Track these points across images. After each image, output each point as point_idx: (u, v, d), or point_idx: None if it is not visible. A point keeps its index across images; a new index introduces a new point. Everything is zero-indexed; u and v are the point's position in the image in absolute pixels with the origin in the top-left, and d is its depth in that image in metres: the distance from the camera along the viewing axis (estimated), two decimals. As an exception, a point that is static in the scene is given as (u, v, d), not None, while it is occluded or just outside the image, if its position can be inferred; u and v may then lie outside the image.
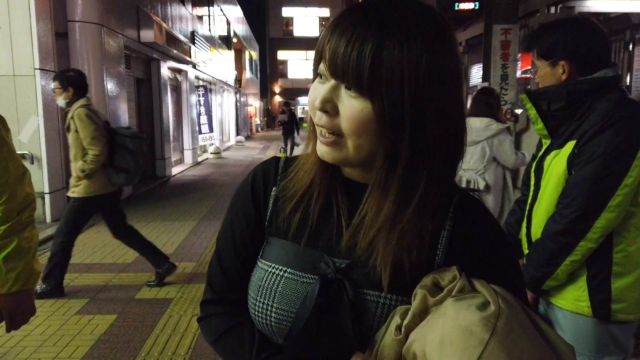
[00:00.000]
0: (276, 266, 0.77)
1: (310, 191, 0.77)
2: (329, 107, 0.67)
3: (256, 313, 0.77)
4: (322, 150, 0.71)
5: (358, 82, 0.64)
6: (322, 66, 0.69)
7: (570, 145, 1.50)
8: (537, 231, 1.60)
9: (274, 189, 0.81)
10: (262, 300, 0.76)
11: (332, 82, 0.67)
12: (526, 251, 1.70)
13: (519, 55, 5.99)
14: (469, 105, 8.98)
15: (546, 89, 1.58)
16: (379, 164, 0.68)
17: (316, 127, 0.71)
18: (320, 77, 0.70)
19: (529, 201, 1.70)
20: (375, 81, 0.63)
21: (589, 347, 1.52)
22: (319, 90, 0.69)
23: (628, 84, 5.16)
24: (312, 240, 0.76)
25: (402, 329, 0.64)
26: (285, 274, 0.75)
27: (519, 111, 6.39)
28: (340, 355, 0.71)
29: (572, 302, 1.52)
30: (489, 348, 0.54)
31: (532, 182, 1.70)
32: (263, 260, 0.79)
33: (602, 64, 1.52)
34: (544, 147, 1.67)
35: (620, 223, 1.44)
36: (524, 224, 1.72)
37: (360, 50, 0.63)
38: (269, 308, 0.75)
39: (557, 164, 1.54)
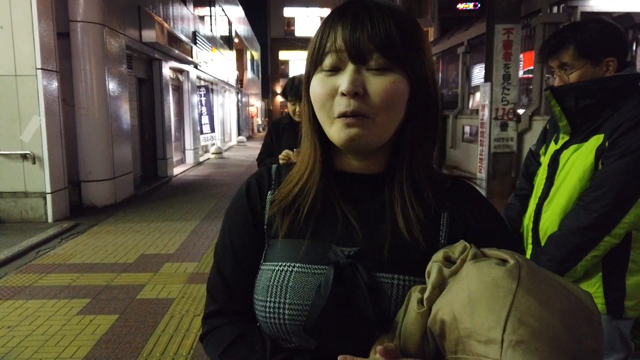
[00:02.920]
0: (283, 263, 0.75)
1: (307, 188, 0.78)
2: (360, 88, 0.69)
3: (267, 315, 0.74)
4: (349, 132, 0.71)
5: (392, 55, 0.70)
6: (328, 61, 0.72)
7: (596, 139, 1.49)
8: (548, 226, 1.58)
9: (269, 193, 0.82)
10: (272, 299, 0.74)
11: (351, 67, 0.70)
12: (529, 246, 1.68)
13: (521, 55, 5.97)
14: (472, 103, 8.97)
15: (574, 85, 1.56)
16: (405, 144, 0.76)
17: (333, 116, 0.72)
18: (330, 71, 0.72)
19: (537, 195, 1.68)
20: (407, 51, 0.71)
21: None
22: (336, 80, 0.71)
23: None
24: (316, 233, 0.76)
25: (425, 302, 0.64)
26: (295, 269, 0.74)
27: (521, 111, 6.38)
28: (362, 341, 0.70)
29: None
30: (518, 296, 0.56)
31: (544, 176, 1.68)
32: (267, 263, 0.78)
33: (627, 61, 1.55)
34: (561, 142, 1.65)
35: None
36: (529, 219, 1.70)
37: (386, 28, 0.69)
38: (281, 306, 0.73)
39: (579, 158, 1.52)
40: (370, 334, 0.70)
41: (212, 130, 16.93)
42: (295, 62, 37.29)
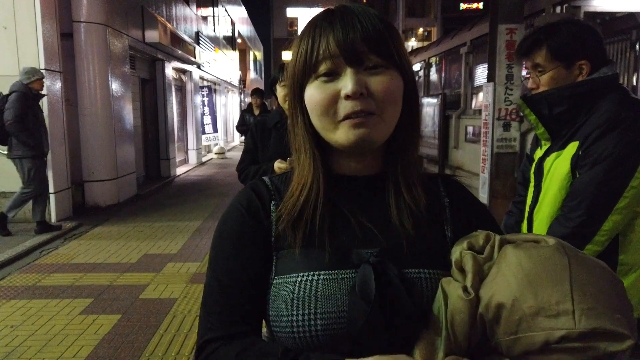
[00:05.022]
0: (306, 273, 0.72)
1: (312, 197, 0.77)
2: (363, 88, 0.71)
3: (296, 329, 0.69)
4: (358, 132, 0.71)
5: (386, 53, 0.72)
6: (324, 67, 0.72)
7: (572, 147, 1.47)
8: (539, 233, 1.59)
9: (272, 203, 0.79)
10: (301, 312, 0.70)
11: (350, 70, 0.71)
12: None
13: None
14: (475, 103, 8.95)
15: (546, 93, 1.53)
16: (400, 140, 0.78)
17: (338, 120, 0.72)
18: (326, 77, 0.72)
19: (529, 203, 1.67)
20: (397, 50, 0.73)
21: None
22: (335, 84, 0.72)
23: (635, 84, 5.12)
24: (334, 239, 0.75)
25: (470, 290, 0.65)
26: (321, 277, 0.71)
27: (524, 111, 6.36)
28: (401, 337, 0.68)
29: None
30: (573, 268, 0.61)
31: (532, 183, 1.66)
32: (283, 276, 0.74)
33: (604, 62, 1.51)
34: (544, 148, 1.64)
35: (626, 224, 1.42)
36: (525, 226, 1.69)
37: (376, 28, 0.71)
38: (312, 317, 0.69)
39: (558, 166, 1.51)
40: (409, 328, 0.69)
41: (215, 130, 16.94)
42: (298, 62, 36.99)
